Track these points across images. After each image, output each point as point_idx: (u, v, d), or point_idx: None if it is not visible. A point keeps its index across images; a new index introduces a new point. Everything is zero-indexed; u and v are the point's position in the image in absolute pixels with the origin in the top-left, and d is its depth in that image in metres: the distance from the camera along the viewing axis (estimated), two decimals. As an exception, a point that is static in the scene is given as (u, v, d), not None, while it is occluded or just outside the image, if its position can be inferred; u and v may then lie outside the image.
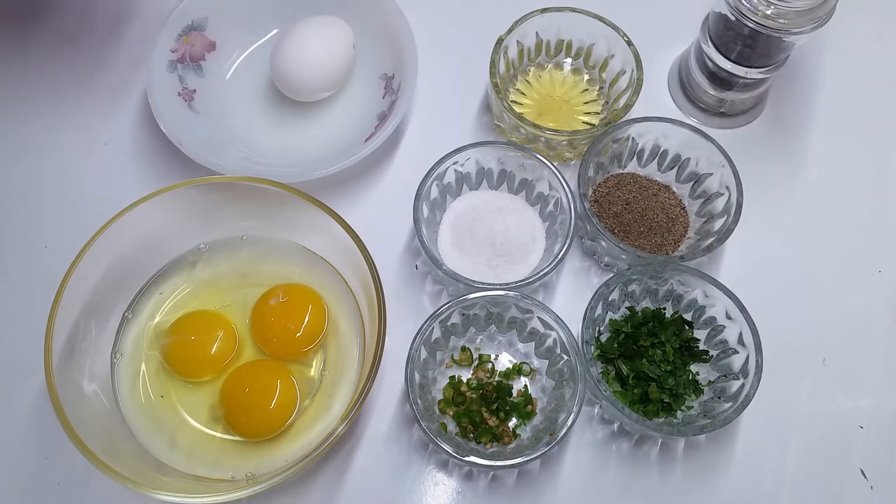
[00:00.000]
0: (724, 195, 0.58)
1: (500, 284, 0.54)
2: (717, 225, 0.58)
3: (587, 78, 0.66)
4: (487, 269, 0.58)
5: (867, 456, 0.56)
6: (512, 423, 0.54)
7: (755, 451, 0.56)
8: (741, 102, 0.65)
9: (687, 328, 0.56)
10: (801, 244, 0.62)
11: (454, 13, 0.70)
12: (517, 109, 0.63)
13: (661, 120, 0.59)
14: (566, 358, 0.53)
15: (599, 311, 0.54)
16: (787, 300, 0.60)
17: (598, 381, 0.51)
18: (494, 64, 0.61)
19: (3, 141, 0.64)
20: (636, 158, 0.62)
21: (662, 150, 0.61)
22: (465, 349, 0.57)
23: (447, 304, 0.53)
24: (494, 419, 0.54)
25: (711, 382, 0.55)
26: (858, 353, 0.59)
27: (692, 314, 0.57)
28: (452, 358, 0.57)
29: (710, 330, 0.56)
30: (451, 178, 0.59)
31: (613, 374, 0.55)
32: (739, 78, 0.61)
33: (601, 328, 0.56)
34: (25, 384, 0.55)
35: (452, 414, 0.54)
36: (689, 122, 0.62)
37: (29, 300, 0.57)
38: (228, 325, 0.56)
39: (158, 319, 0.56)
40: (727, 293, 0.53)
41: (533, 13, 0.62)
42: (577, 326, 0.53)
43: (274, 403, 0.53)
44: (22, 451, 0.54)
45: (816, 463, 0.56)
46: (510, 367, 0.56)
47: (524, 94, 0.66)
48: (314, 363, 0.56)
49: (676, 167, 0.61)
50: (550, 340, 0.55)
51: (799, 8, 0.54)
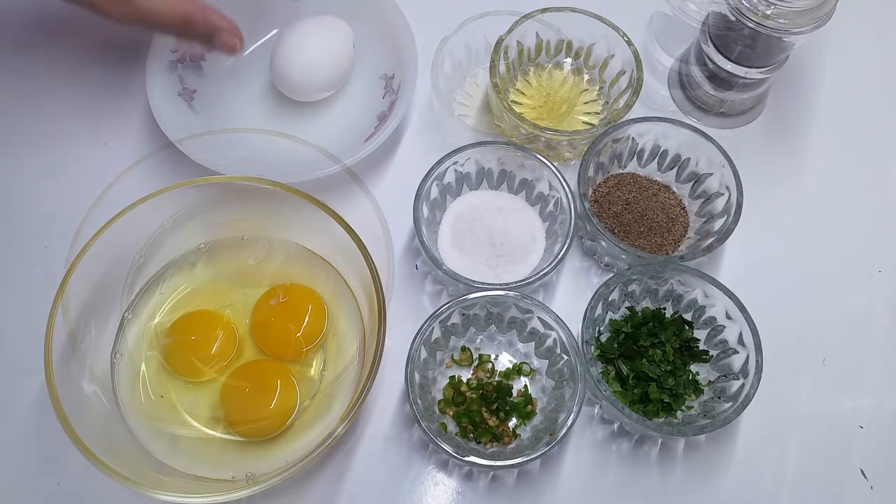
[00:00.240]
0: (724, 195, 0.58)
1: (500, 284, 0.54)
2: (717, 225, 0.58)
3: (587, 78, 0.66)
4: (487, 269, 0.58)
5: (867, 456, 0.56)
6: (512, 423, 0.54)
7: (755, 451, 0.56)
8: (741, 102, 0.65)
9: (687, 328, 0.56)
10: (800, 244, 0.62)
11: (454, 13, 0.70)
12: (517, 109, 0.63)
13: (661, 120, 0.59)
14: (566, 358, 0.53)
15: (599, 311, 0.54)
16: (787, 300, 0.60)
17: (598, 381, 0.51)
18: (494, 64, 0.61)
19: (2, 141, 0.64)
20: (636, 158, 0.62)
21: (662, 150, 0.61)
22: (465, 349, 0.57)
23: (447, 304, 0.53)
24: (494, 419, 0.54)
25: (711, 382, 0.55)
26: (858, 353, 0.59)
27: (692, 314, 0.57)
28: (452, 358, 0.57)
29: (710, 330, 0.56)
30: (451, 178, 0.59)
31: (613, 374, 0.55)
32: (739, 78, 0.61)
33: (601, 328, 0.55)
34: (25, 384, 0.55)
35: (452, 414, 0.54)
36: (689, 122, 0.62)
37: (29, 300, 0.57)
38: (228, 325, 0.56)
39: (158, 319, 0.56)
40: (727, 293, 0.53)
41: (533, 13, 0.62)
42: (577, 326, 0.53)
43: (274, 403, 0.53)
44: (22, 451, 0.54)
45: (816, 463, 0.56)
46: (510, 367, 0.56)
47: (524, 94, 0.66)
48: (314, 363, 0.56)
49: (676, 167, 0.61)
50: (550, 340, 0.55)
51: (799, 8, 0.54)
